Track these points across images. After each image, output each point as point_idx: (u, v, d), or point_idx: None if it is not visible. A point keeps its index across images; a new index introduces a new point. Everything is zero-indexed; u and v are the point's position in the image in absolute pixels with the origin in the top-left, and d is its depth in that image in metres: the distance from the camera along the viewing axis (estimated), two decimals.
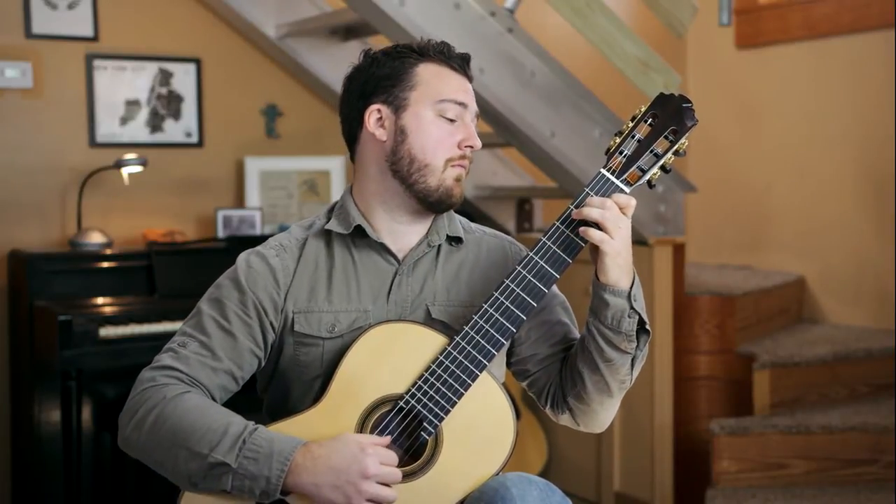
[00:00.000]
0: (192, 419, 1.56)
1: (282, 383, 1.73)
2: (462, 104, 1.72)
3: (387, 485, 1.54)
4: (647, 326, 1.66)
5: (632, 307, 1.62)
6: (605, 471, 3.70)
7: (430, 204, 1.71)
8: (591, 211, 1.59)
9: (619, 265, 1.60)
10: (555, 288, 1.80)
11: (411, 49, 1.73)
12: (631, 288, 1.62)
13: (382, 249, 1.73)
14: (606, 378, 1.67)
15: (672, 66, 3.40)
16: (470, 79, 1.77)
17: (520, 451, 3.81)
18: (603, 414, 1.76)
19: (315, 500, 1.53)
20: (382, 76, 1.72)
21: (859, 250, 4.09)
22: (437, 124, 1.70)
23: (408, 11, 3.00)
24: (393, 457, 1.56)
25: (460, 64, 1.74)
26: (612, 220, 1.58)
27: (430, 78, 1.71)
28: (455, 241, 1.78)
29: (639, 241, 3.49)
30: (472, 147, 1.71)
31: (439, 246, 1.76)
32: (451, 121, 1.70)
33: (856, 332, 3.96)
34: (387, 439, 1.58)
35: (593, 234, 1.58)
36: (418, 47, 1.74)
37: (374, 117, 1.72)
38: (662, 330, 3.50)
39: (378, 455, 1.54)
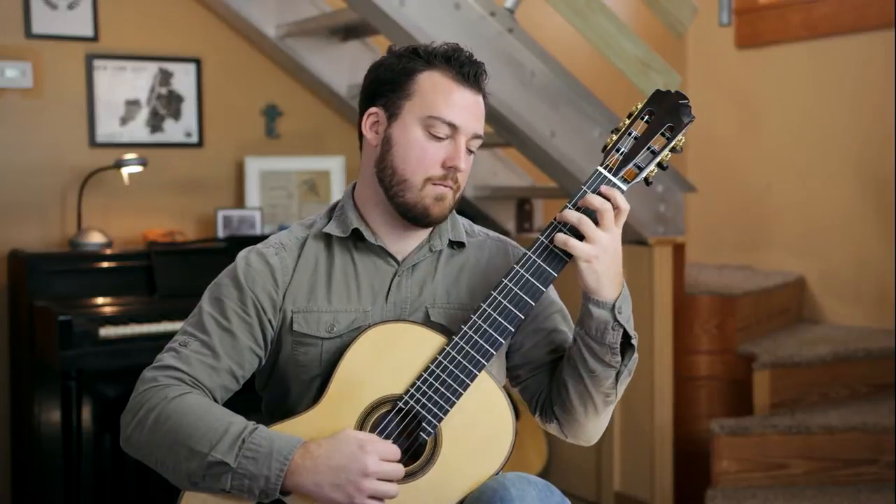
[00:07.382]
0: (193, 418, 1.56)
1: (280, 382, 1.72)
2: (453, 125, 1.64)
3: (389, 480, 1.54)
4: (633, 342, 1.64)
5: (615, 320, 1.60)
6: (605, 471, 3.70)
7: (409, 219, 1.68)
8: (570, 215, 1.58)
9: (595, 271, 1.57)
10: (555, 296, 1.79)
11: (418, 54, 1.67)
12: (616, 300, 1.60)
13: (382, 251, 1.72)
14: (590, 390, 1.66)
15: (672, 66, 3.39)
16: (480, 91, 1.68)
17: (519, 452, 3.80)
18: (590, 427, 1.74)
19: (317, 499, 1.53)
20: (385, 79, 1.68)
21: (859, 250, 4.09)
22: (423, 140, 1.64)
23: (408, 12, 3.00)
24: (394, 452, 1.55)
25: (468, 74, 1.66)
26: (589, 225, 1.56)
27: (429, 89, 1.65)
28: (457, 244, 1.77)
29: (639, 241, 3.49)
30: (455, 168, 1.65)
31: (440, 249, 1.75)
32: (440, 139, 1.65)
33: (856, 332, 3.96)
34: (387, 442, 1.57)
35: (557, 237, 1.58)
36: (425, 52, 1.67)
37: (371, 120, 1.70)
38: (662, 330, 3.48)
39: (378, 452, 1.53)
